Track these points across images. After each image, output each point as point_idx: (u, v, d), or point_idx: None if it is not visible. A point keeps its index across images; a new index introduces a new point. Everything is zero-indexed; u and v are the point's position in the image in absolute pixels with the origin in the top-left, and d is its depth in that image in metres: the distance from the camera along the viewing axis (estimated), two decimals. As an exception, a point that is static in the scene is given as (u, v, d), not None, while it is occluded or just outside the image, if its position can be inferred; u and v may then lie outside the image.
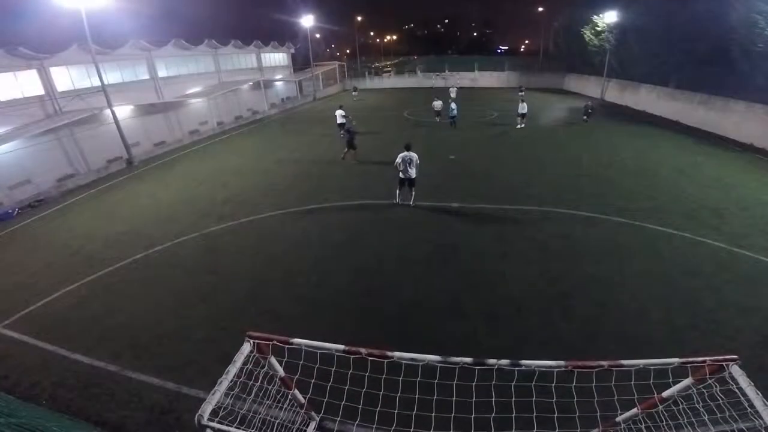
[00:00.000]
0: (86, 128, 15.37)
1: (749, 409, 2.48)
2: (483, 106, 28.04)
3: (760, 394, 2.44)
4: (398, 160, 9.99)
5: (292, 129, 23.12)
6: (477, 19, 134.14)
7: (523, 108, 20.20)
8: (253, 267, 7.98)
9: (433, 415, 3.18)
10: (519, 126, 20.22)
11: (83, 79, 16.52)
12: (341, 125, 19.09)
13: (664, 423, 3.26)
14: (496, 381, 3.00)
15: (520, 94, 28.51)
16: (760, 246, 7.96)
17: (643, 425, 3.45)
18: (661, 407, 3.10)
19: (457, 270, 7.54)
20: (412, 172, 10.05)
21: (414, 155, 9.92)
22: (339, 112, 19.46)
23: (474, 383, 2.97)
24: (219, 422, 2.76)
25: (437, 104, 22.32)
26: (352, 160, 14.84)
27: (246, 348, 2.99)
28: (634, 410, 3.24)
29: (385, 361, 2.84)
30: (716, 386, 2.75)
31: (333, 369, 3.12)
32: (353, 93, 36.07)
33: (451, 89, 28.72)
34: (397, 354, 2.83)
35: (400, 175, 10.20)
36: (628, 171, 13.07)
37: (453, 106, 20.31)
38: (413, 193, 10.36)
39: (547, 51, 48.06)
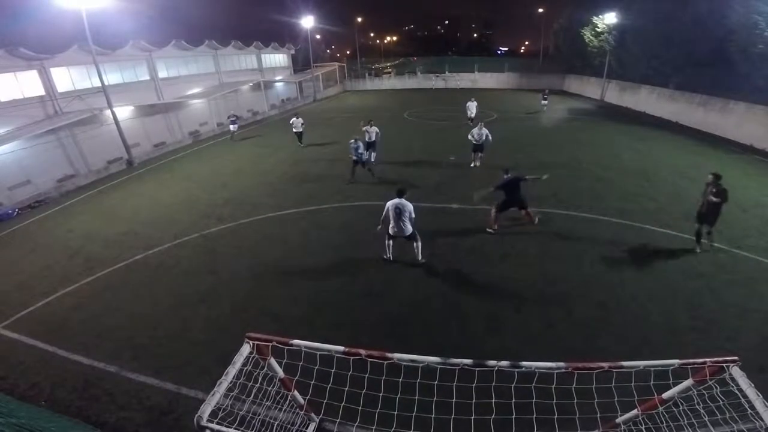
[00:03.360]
0: (86, 129, 15.38)
1: (750, 411, 2.48)
2: (483, 107, 28.02)
3: (761, 396, 2.44)
4: (385, 210, 7.11)
5: (292, 130, 23.08)
6: (477, 20, 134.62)
7: (479, 133, 12.79)
8: (253, 268, 7.97)
9: (432, 416, 3.18)
10: (473, 164, 13.64)
11: (83, 80, 16.52)
12: (299, 135, 17.74)
13: (665, 424, 3.26)
14: (496, 382, 3.00)
15: (543, 102, 25.56)
16: (759, 247, 7.95)
17: (644, 426, 3.44)
18: (661, 408, 3.10)
19: (457, 271, 7.54)
20: (407, 228, 7.08)
21: (408, 205, 7.00)
22: (297, 121, 17.49)
23: (474, 385, 2.96)
24: (218, 423, 2.77)
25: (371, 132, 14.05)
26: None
27: (245, 349, 2.99)
28: (635, 411, 3.24)
29: (385, 362, 2.84)
30: (716, 387, 2.75)
31: (333, 370, 3.12)
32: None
33: (468, 104, 19.89)
34: (396, 355, 2.83)
35: (389, 230, 7.25)
36: (628, 172, 13.07)
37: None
38: (419, 244, 7.43)
39: (547, 52, 48.13)
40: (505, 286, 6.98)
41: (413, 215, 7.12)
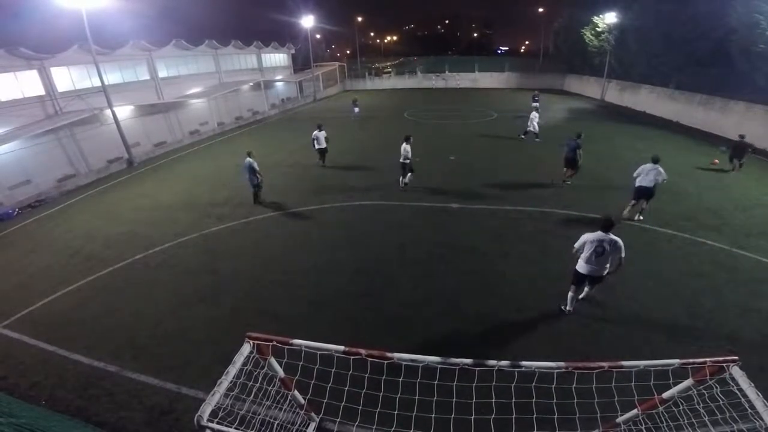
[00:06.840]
0: (86, 128, 15.37)
1: (750, 410, 2.48)
2: (483, 107, 28.05)
3: (761, 395, 2.44)
4: (582, 243, 5.60)
5: (292, 130, 23.10)
6: (477, 20, 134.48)
7: (655, 174, 8.77)
8: (253, 267, 7.97)
9: (432, 416, 3.18)
10: (637, 216, 9.25)
11: (84, 80, 16.51)
12: (322, 152, 14.26)
13: (665, 424, 3.26)
14: (496, 382, 3.00)
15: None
16: (760, 247, 7.95)
17: (644, 426, 3.45)
18: (661, 408, 3.10)
19: (458, 270, 7.53)
20: (605, 268, 5.54)
21: (618, 241, 5.34)
22: (320, 134, 13.97)
23: (474, 384, 2.96)
24: (218, 423, 2.77)
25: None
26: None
27: (246, 349, 2.99)
28: (635, 411, 3.24)
29: (385, 362, 2.84)
30: (717, 387, 2.75)
31: (333, 370, 3.12)
32: None
33: (533, 115, 17.68)
34: (396, 355, 2.83)
35: (579, 269, 5.64)
36: (628, 172, 13.02)
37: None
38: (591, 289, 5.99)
39: (547, 52, 48.12)
40: (505, 286, 6.98)
41: (623, 253, 5.34)
